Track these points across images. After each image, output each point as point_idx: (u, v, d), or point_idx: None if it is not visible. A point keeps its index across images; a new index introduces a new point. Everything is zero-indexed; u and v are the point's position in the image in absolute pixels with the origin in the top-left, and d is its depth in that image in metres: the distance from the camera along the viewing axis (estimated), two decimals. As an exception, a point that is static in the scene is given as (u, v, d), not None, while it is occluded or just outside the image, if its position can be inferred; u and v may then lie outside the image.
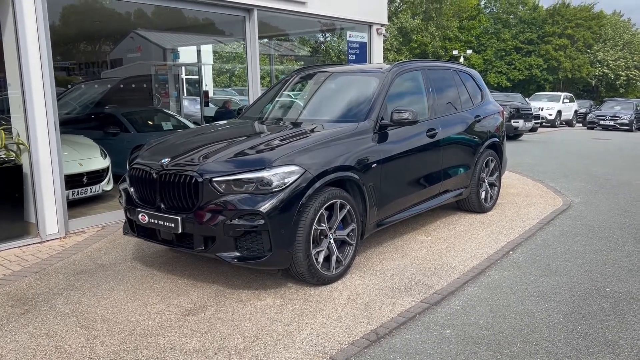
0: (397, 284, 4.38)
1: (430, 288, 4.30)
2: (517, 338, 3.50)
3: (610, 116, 24.72)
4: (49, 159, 5.58)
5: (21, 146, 5.51)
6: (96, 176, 7.08)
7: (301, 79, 6.29)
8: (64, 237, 5.73)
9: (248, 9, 7.72)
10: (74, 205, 6.53)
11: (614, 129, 24.19)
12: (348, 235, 4.51)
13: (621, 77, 48.56)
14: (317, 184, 4.14)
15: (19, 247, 5.40)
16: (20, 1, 5.24)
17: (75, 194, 6.73)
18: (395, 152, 5.07)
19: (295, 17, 8.78)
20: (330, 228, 4.33)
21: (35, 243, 5.53)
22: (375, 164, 4.76)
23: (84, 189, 6.88)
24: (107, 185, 7.26)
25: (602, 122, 24.75)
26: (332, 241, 4.36)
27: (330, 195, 4.25)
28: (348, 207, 4.44)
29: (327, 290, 4.23)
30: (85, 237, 5.77)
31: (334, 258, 4.38)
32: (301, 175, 4.06)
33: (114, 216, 6.32)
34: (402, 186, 5.27)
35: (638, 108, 25.72)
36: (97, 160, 7.16)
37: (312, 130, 4.78)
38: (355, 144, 4.66)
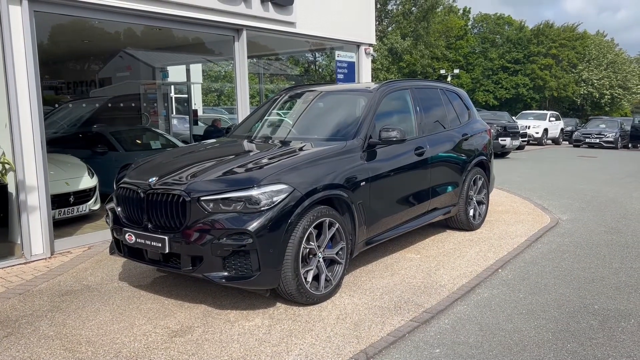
0: (386, 303, 4.35)
1: (420, 307, 4.28)
2: (507, 357, 3.48)
3: (596, 134, 25.06)
4: (35, 178, 5.53)
5: (6, 166, 5.46)
6: (83, 195, 7.01)
7: (290, 98, 6.32)
8: (50, 258, 5.65)
9: (237, 29, 7.78)
10: (60, 225, 6.46)
11: (600, 146, 24.50)
12: (337, 253, 4.49)
13: (606, 96, 49.39)
14: (306, 203, 4.13)
15: (2, 268, 5.31)
16: (8, 20, 5.24)
17: (61, 214, 6.65)
18: (384, 170, 5.08)
19: (284, 37, 8.85)
20: (319, 247, 4.31)
21: (20, 264, 5.44)
22: (363, 182, 4.77)
23: (70, 208, 6.80)
24: (94, 204, 7.19)
25: (588, 140, 25.07)
26: (321, 260, 4.33)
27: (319, 214, 4.24)
28: (337, 225, 4.43)
29: (316, 310, 4.19)
30: (71, 258, 5.69)
31: (323, 277, 4.35)
32: (290, 194, 4.05)
33: (101, 236, 6.26)
34: (391, 204, 5.27)
35: (623, 126, 26.11)
36: (85, 180, 7.10)
37: (300, 149, 4.79)
38: (344, 163, 4.66)
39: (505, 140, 18.04)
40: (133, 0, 6.28)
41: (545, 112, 29.41)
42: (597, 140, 24.75)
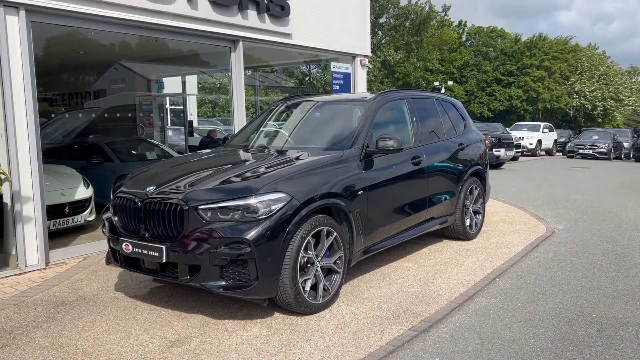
0: (384, 312, 4.34)
1: (418, 316, 4.27)
2: (506, 365, 3.47)
3: (589, 145, 25.22)
4: (31, 189, 5.50)
5: (2, 176, 5.42)
6: (78, 206, 6.98)
7: (287, 108, 6.33)
8: (45, 269, 5.61)
9: (233, 40, 7.81)
10: (55, 236, 6.42)
11: (593, 157, 24.65)
12: (335, 263, 4.48)
13: (598, 108, 49.77)
14: (304, 212, 4.13)
15: (-3, 279, 5.27)
16: (5, 30, 5.25)
17: (56, 224, 6.61)
18: (381, 179, 5.09)
19: (280, 49, 8.90)
20: (317, 256, 4.30)
21: (15, 275, 5.39)
22: (361, 191, 4.77)
23: (65, 219, 6.76)
24: (89, 215, 7.16)
25: (581, 151, 25.22)
26: (319, 269, 4.32)
27: (317, 223, 4.23)
28: (335, 234, 4.42)
29: (315, 320, 4.17)
30: (66, 268, 5.65)
31: (321, 286, 4.34)
32: (287, 203, 4.05)
33: (96, 246, 6.23)
34: (388, 213, 5.27)
35: (615, 137, 26.30)
36: (80, 190, 7.07)
37: (297, 158, 4.79)
38: (342, 171, 4.67)
39: (499, 151, 18.12)
40: (130, 12, 6.31)
41: (538, 123, 29.60)
42: (591, 152, 24.91)
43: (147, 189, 4.23)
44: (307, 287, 4.22)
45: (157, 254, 4.05)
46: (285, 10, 8.26)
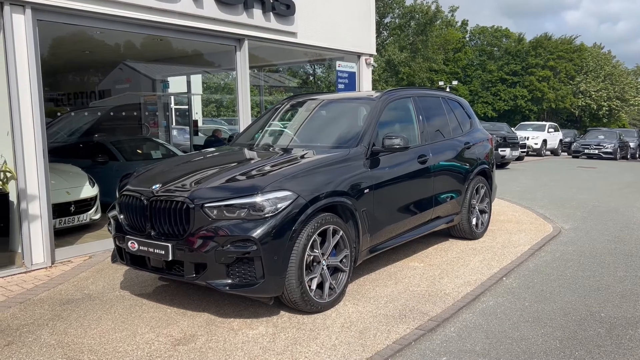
0: (391, 311, 4.31)
1: (425, 315, 4.24)
2: (514, 364, 3.44)
3: (595, 145, 25.10)
4: (37, 187, 5.50)
5: (8, 174, 5.43)
6: (84, 205, 6.98)
7: (292, 106, 6.32)
8: (50, 267, 5.61)
9: (239, 39, 7.81)
10: (61, 234, 6.42)
11: (599, 157, 24.54)
12: (341, 261, 4.46)
13: (604, 108, 49.57)
14: (310, 210, 4.11)
15: (3, 277, 5.26)
16: (11, 28, 5.25)
17: (62, 223, 6.62)
18: (387, 177, 5.06)
19: (285, 47, 8.88)
20: (323, 254, 4.28)
21: (21, 273, 5.40)
22: (367, 190, 4.75)
23: (71, 217, 6.76)
24: (95, 214, 7.16)
25: (586, 151, 25.10)
26: (325, 268, 4.30)
27: (323, 221, 4.21)
28: (341, 233, 4.40)
29: (321, 318, 4.15)
30: (72, 267, 5.65)
31: (327, 285, 4.32)
32: (293, 201, 4.03)
33: (102, 245, 6.23)
34: (395, 212, 5.25)
35: (621, 137, 26.18)
36: (85, 189, 7.07)
37: (303, 157, 4.77)
38: (347, 170, 4.65)
39: (505, 150, 18.06)
40: (136, 10, 6.31)
41: (544, 123, 29.50)
42: (596, 151, 24.80)
43: (153, 187, 4.22)
44: (313, 286, 4.20)
45: (163, 252, 4.04)
46: (290, 9, 8.25)
